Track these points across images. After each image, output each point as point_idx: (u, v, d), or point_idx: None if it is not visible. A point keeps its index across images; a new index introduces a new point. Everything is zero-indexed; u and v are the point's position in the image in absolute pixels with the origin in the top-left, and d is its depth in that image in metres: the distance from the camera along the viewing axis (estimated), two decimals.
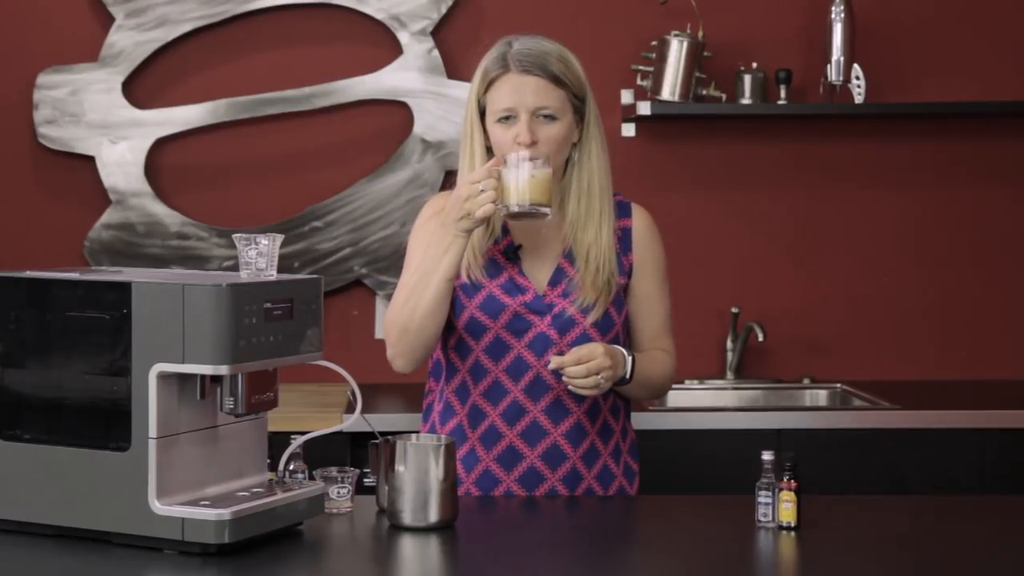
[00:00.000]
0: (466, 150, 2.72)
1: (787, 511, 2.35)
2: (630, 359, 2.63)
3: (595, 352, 2.56)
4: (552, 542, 2.38)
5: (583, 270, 2.68)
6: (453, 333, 2.71)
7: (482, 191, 2.52)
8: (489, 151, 2.70)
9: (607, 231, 2.70)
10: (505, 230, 2.72)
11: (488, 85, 2.67)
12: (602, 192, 2.71)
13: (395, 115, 4.24)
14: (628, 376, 2.63)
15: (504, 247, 2.71)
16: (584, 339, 2.66)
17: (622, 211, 2.77)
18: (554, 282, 2.70)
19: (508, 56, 2.66)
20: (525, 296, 2.68)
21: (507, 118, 2.64)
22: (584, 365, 2.54)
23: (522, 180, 2.53)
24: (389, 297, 4.22)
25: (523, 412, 2.68)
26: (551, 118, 2.64)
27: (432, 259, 2.61)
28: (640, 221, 2.78)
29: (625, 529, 2.48)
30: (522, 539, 2.40)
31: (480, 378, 2.69)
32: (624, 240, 2.75)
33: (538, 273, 2.71)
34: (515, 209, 2.54)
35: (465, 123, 2.74)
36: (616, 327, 2.71)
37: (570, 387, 2.56)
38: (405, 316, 2.64)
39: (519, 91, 2.64)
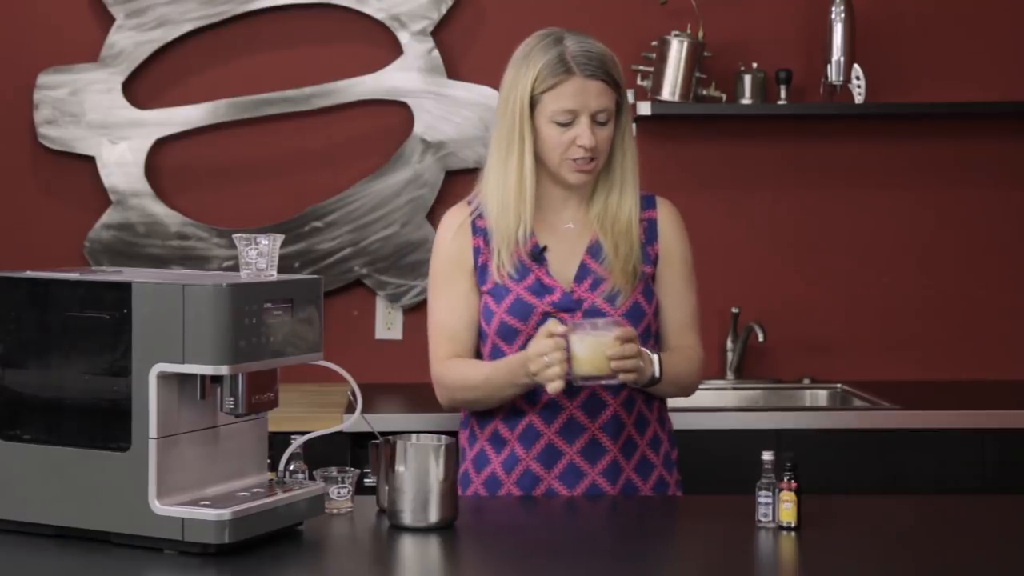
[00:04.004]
0: (512, 149, 2.68)
1: (787, 511, 2.35)
2: (656, 357, 2.62)
3: (633, 333, 2.55)
4: (551, 542, 2.38)
5: (611, 259, 2.69)
6: (487, 340, 2.72)
7: (548, 365, 2.50)
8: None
9: (635, 223, 2.72)
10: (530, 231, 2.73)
11: (549, 87, 2.65)
12: (634, 188, 2.74)
13: (395, 115, 4.24)
14: (657, 375, 2.62)
15: (530, 249, 2.71)
16: None
17: (646, 203, 2.78)
18: (580, 278, 2.70)
19: (567, 56, 2.66)
20: (553, 296, 2.68)
21: (566, 123, 2.64)
22: (627, 346, 2.51)
23: (594, 350, 2.48)
24: (389, 297, 4.22)
25: (559, 409, 2.68)
26: (606, 121, 2.67)
27: (497, 386, 2.65)
28: (665, 212, 2.79)
29: (625, 529, 2.47)
30: (522, 539, 2.40)
31: None
32: (649, 230, 2.76)
33: (564, 270, 2.71)
34: (584, 382, 2.52)
35: (508, 121, 2.69)
36: (647, 316, 2.71)
37: (613, 366, 2.52)
38: (457, 399, 2.72)
39: (583, 94, 2.65)
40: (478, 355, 2.76)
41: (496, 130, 2.73)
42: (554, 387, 2.51)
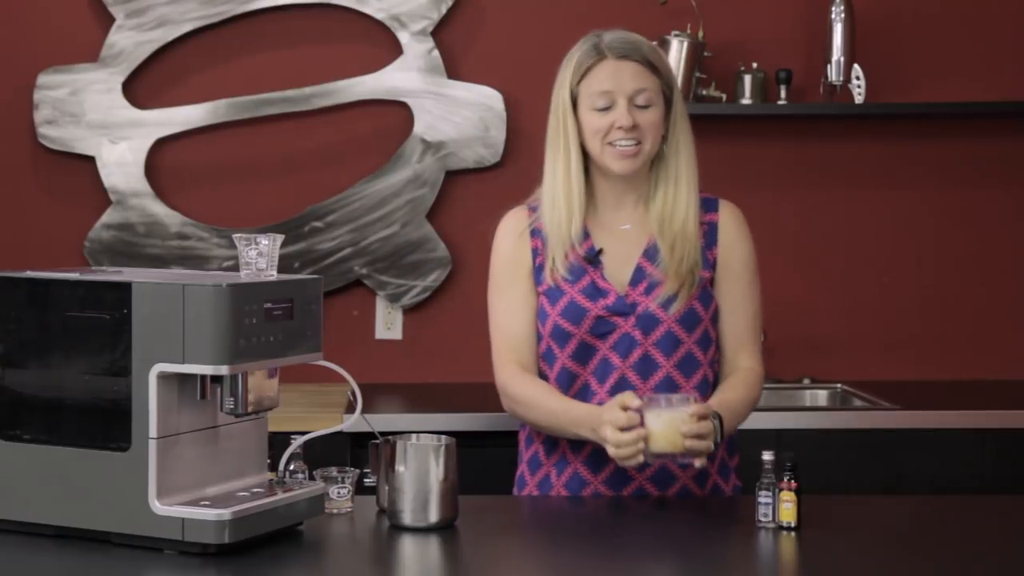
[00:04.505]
0: (558, 146, 2.67)
1: (787, 511, 2.35)
2: (717, 423, 2.52)
3: (709, 409, 2.49)
4: (551, 542, 2.38)
5: (667, 260, 2.64)
6: (541, 340, 2.69)
7: (624, 451, 2.45)
8: (581, 148, 2.66)
9: (693, 222, 2.66)
10: (585, 233, 2.68)
11: (583, 74, 2.64)
12: (689, 184, 2.68)
13: (395, 115, 4.24)
14: (719, 438, 2.53)
15: (586, 251, 2.67)
16: (669, 337, 2.63)
17: (708, 206, 2.73)
18: (635, 281, 2.66)
19: (601, 45, 2.65)
20: (607, 299, 2.64)
21: (604, 106, 2.61)
22: (702, 424, 2.45)
23: (670, 426, 2.43)
24: (389, 297, 4.22)
25: None
26: (647, 104, 2.63)
27: (560, 426, 2.62)
28: (727, 216, 2.74)
29: (625, 528, 2.47)
30: (522, 539, 2.40)
31: (570, 382, 2.66)
32: (709, 234, 2.70)
33: (619, 273, 2.67)
34: (658, 459, 2.46)
35: (555, 120, 2.68)
36: (703, 322, 2.66)
37: (687, 444, 2.45)
38: (518, 414, 2.69)
39: (617, 76, 2.62)
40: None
41: (547, 133, 2.71)
42: (632, 464, 2.47)
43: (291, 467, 2.39)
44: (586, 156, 2.68)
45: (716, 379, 2.72)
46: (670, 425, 2.43)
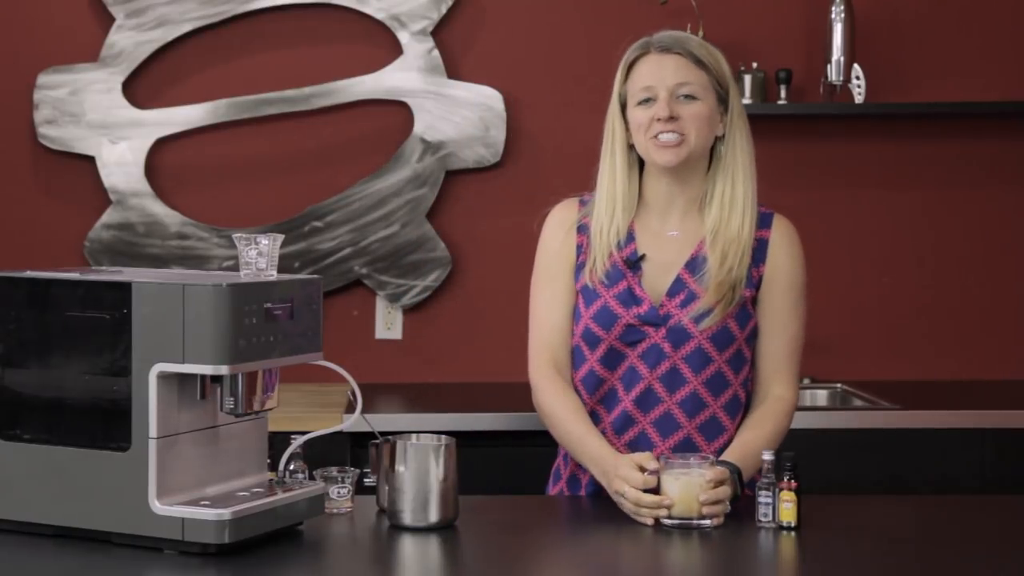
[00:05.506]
0: (607, 146, 2.66)
1: (787, 511, 2.35)
2: (736, 475, 2.47)
3: (726, 475, 2.43)
4: (551, 542, 2.38)
5: (714, 270, 2.58)
6: (573, 336, 2.67)
7: (639, 511, 2.42)
8: (632, 149, 2.64)
9: (749, 227, 2.61)
10: (631, 236, 2.65)
11: (628, 70, 2.63)
12: (746, 187, 2.63)
13: (395, 115, 4.24)
14: (739, 491, 2.47)
15: (627, 255, 2.63)
16: (699, 353, 2.58)
17: (762, 222, 2.66)
18: (673, 292, 2.61)
19: (649, 42, 2.64)
20: (640, 308, 2.59)
21: (647, 100, 2.59)
22: (719, 490, 2.40)
23: (687, 491, 2.38)
24: (389, 297, 4.22)
25: (631, 423, 2.62)
26: (692, 98, 2.59)
27: (573, 452, 2.60)
28: (779, 233, 2.67)
29: (624, 528, 2.47)
30: (522, 539, 2.40)
31: (597, 386, 2.64)
32: (758, 252, 2.64)
33: (657, 282, 2.62)
34: (676, 522, 2.39)
35: (608, 123, 2.67)
36: (737, 342, 2.61)
37: (704, 511, 2.39)
38: (543, 421, 2.66)
39: (659, 69, 2.60)
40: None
41: (603, 134, 2.70)
42: (644, 522, 2.42)
43: (291, 467, 2.39)
44: (642, 162, 2.66)
45: (748, 399, 2.68)
46: (687, 491, 2.38)
